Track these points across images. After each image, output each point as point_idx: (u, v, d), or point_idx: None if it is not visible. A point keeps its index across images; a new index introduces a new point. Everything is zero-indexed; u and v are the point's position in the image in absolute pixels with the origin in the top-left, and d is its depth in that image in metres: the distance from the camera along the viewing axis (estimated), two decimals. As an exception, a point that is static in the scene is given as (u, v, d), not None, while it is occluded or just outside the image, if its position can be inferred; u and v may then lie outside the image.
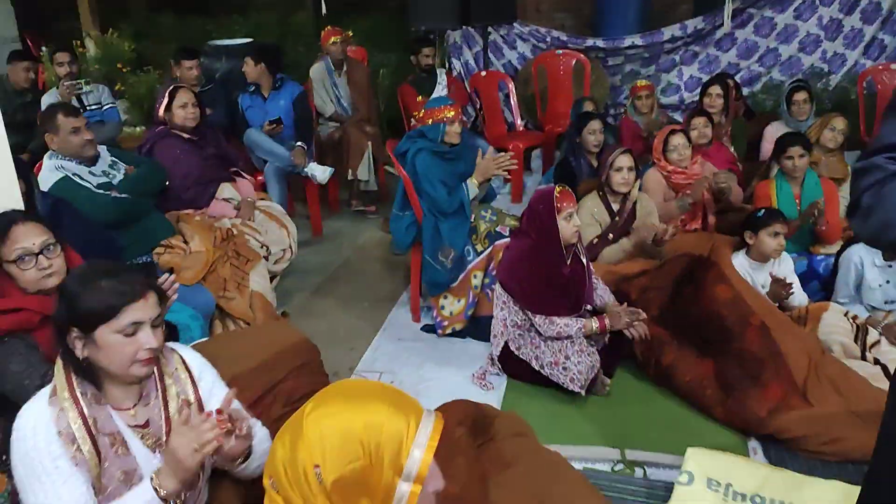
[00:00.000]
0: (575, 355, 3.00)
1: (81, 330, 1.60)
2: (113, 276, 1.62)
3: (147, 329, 1.62)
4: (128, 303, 1.59)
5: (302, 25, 8.90)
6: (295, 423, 1.23)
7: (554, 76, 6.06)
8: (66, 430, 1.57)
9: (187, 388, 1.76)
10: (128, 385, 1.68)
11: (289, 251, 3.80)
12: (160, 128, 3.75)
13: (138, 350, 1.61)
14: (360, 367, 3.42)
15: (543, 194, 3.09)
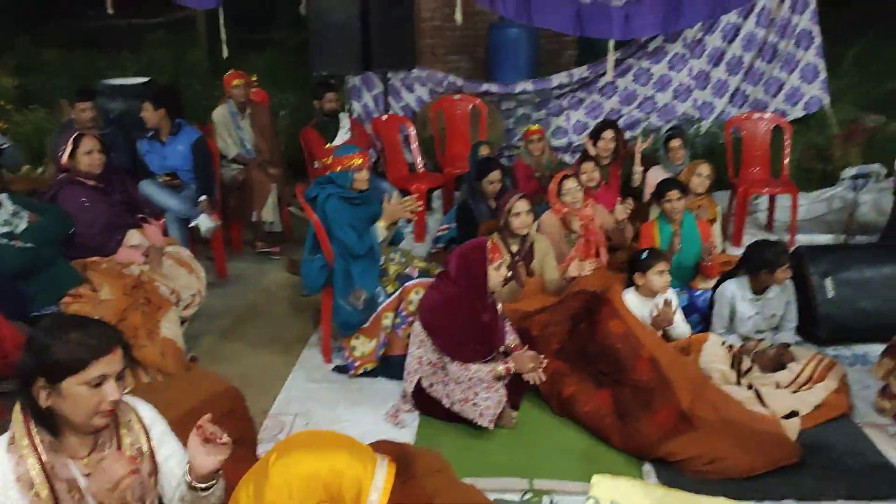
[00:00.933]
0: (483, 391, 3.20)
1: (48, 380, 1.65)
2: (83, 329, 1.68)
3: (112, 382, 1.70)
4: (97, 356, 1.66)
5: (197, 63, 8.86)
6: (259, 473, 1.34)
7: (452, 119, 6.33)
8: (25, 475, 1.62)
9: (141, 438, 1.83)
10: (85, 434, 1.74)
11: (198, 296, 3.82)
12: (63, 175, 3.70)
13: (102, 402, 1.68)
14: (273, 409, 3.47)
15: (476, 245, 3.29)
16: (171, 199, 4.63)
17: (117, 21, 8.80)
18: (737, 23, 6.37)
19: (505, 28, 7.12)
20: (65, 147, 3.67)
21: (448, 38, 7.85)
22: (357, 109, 6.75)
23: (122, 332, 1.83)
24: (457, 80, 6.64)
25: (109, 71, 8.28)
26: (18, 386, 1.71)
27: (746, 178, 5.55)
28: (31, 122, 7.24)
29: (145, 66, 8.35)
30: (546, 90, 6.59)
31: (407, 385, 3.42)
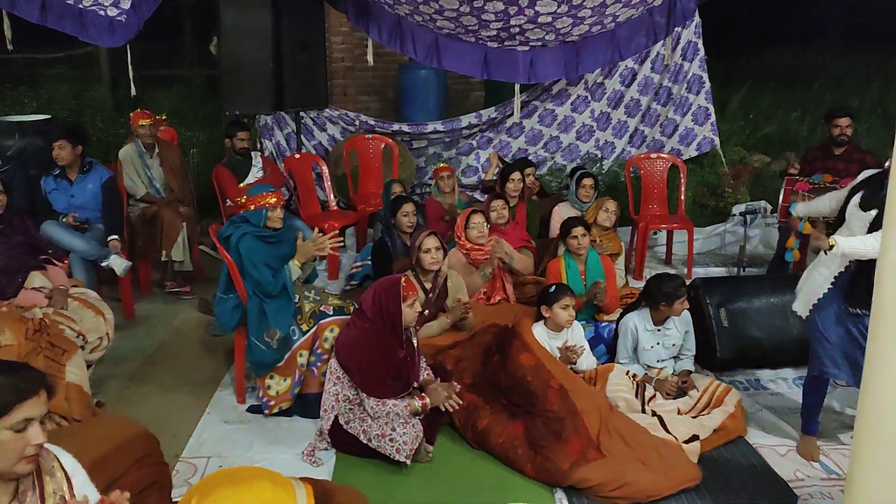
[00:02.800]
0: (400, 427, 3.24)
1: None
2: (8, 372, 1.67)
3: (37, 425, 1.68)
4: (22, 400, 1.64)
5: (100, 100, 8.63)
6: (183, 518, 1.35)
7: (364, 158, 6.42)
8: None
9: (63, 485, 1.80)
10: (7, 482, 1.70)
11: (106, 338, 3.72)
12: (-40, 216, 3.57)
13: (26, 446, 1.65)
14: (185, 453, 3.41)
15: (390, 282, 3.35)
16: (77, 240, 4.51)
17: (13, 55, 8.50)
18: (634, 68, 6.77)
19: (414, 69, 7.32)
20: (-38, 187, 3.55)
21: (359, 78, 8.00)
22: (269, 148, 6.76)
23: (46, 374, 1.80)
24: (368, 119, 6.75)
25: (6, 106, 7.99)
26: None
27: (646, 215, 5.86)
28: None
29: (45, 101, 8.09)
30: (456, 130, 6.78)
31: (323, 423, 3.43)
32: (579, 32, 4.89)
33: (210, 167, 5.98)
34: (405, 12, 4.88)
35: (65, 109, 7.96)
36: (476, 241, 4.36)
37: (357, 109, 7.25)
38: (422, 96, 7.41)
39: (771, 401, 3.93)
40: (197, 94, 9.37)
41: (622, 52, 5.18)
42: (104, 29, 5.23)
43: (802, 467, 3.31)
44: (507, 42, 5.03)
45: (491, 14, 4.55)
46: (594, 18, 4.71)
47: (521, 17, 4.57)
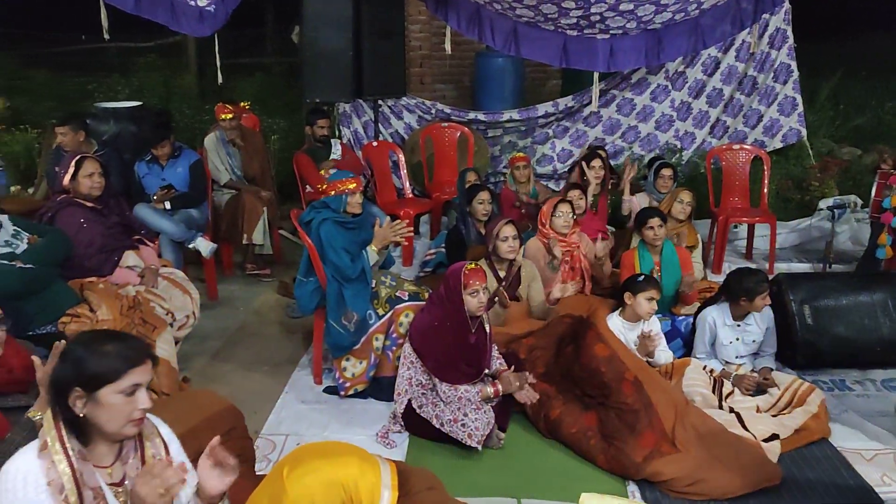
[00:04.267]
0: (472, 413, 3.27)
1: (85, 389, 1.73)
2: (119, 341, 1.79)
3: (143, 391, 1.79)
4: (132, 366, 1.75)
5: (187, 88, 8.96)
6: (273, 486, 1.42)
7: (440, 146, 6.46)
8: (56, 481, 1.69)
9: (161, 450, 1.91)
10: (111, 444, 1.82)
11: (192, 317, 3.88)
12: (62, 196, 3.77)
13: (134, 410, 1.76)
14: (265, 430, 3.52)
15: (454, 270, 3.38)
16: (167, 222, 4.70)
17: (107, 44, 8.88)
18: (717, 56, 6.59)
19: (491, 58, 7.31)
20: (66, 169, 3.74)
21: (436, 66, 8.03)
22: (347, 135, 6.86)
23: (149, 345, 1.91)
24: (444, 107, 6.78)
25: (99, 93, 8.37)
26: (53, 395, 1.79)
27: (726, 207, 5.71)
28: (20, 143, 7.28)
29: (136, 89, 8.43)
30: (532, 119, 6.74)
31: (397, 406, 3.49)
32: (662, 20, 4.79)
33: (290, 153, 6.12)
34: (484, 0, 4.88)
35: (154, 97, 8.29)
36: (560, 230, 4.33)
37: (433, 98, 7.29)
38: (498, 85, 7.39)
39: (857, 403, 3.78)
40: (278, 82, 9.60)
41: (706, 40, 5.04)
42: (194, 18, 5.39)
43: (891, 472, 3.19)
44: (587, 30, 4.97)
45: (571, 2, 4.51)
46: (678, 6, 4.60)
47: (602, 4, 4.52)
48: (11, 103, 8.23)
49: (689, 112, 6.76)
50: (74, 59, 10.00)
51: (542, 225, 4.39)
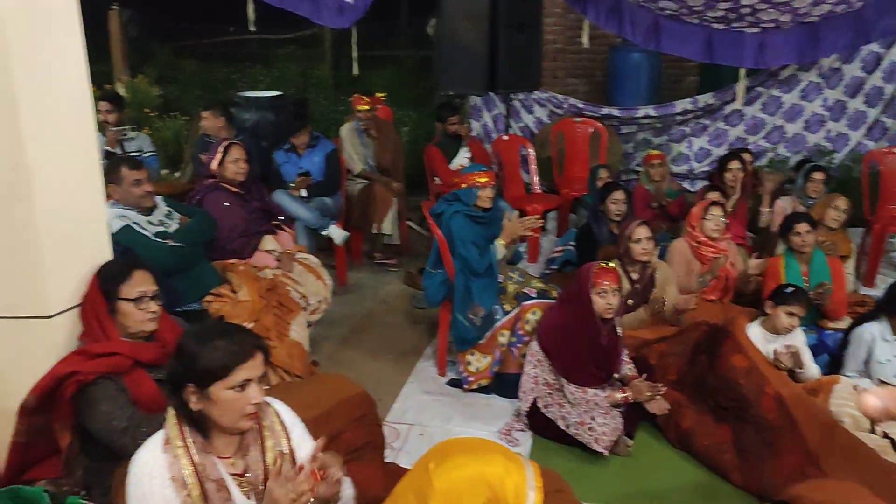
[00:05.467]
0: (600, 417, 3.18)
1: (197, 385, 1.77)
2: (227, 336, 1.80)
3: (255, 385, 1.80)
4: (240, 362, 1.77)
5: (323, 78, 9.24)
6: (418, 480, 1.41)
7: (571, 142, 6.34)
8: (179, 475, 1.74)
9: (282, 440, 1.93)
10: (231, 436, 1.86)
11: (324, 302, 3.98)
12: (210, 180, 3.96)
13: (246, 405, 1.79)
14: (389, 417, 3.57)
15: (583, 269, 3.31)
16: (303, 209, 4.86)
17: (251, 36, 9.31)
18: (879, 52, 6.10)
19: (627, 52, 7.10)
20: (214, 154, 3.93)
21: (569, 60, 7.89)
22: (476, 129, 6.87)
23: (261, 336, 1.95)
24: (577, 102, 6.66)
25: (242, 83, 8.78)
26: (170, 390, 1.84)
27: (883, 215, 5.29)
28: (170, 129, 7.74)
29: (276, 79, 8.78)
30: (668, 115, 6.51)
31: (522, 404, 3.45)
32: (820, 12, 4.48)
33: (420, 145, 6.19)
34: (626, -7, 4.75)
35: (292, 87, 8.61)
36: (711, 234, 4.13)
37: (565, 92, 7.17)
38: (632, 80, 7.17)
39: None
40: (410, 75, 9.74)
41: (869, 34, 4.69)
42: (334, 11, 5.52)
43: None
44: (735, 24, 4.72)
45: (721, -6, 4.30)
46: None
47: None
48: (164, 92, 8.77)
49: (843, 112, 6.30)
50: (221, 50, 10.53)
51: (691, 227, 4.20)
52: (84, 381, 2.25)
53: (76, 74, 2.59)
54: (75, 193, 2.58)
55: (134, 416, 2.24)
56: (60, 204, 2.50)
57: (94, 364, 2.27)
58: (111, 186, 3.39)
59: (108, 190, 3.40)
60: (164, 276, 3.23)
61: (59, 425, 2.36)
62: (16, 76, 2.30)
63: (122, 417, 2.22)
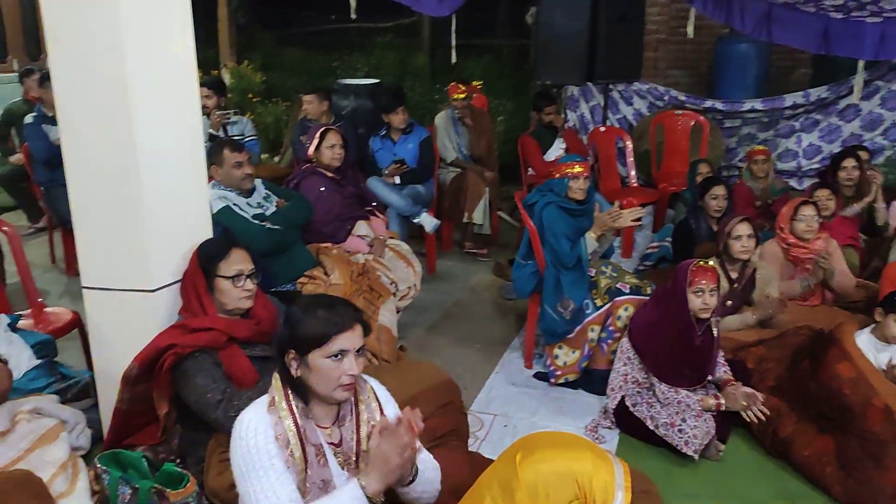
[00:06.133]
0: (691, 419, 3.07)
1: (297, 352, 1.83)
2: (329, 307, 1.85)
3: (351, 357, 1.84)
4: (338, 332, 1.81)
5: (420, 67, 9.29)
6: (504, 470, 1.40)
7: (671, 135, 6.16)
8: (283, 435, 1.80)
9: (376, 415, 1.97)
10: (329, 406, 1.91)
11: (414, 289, 4.01)
12: (307, 165, 4.05)
13: (342, 375, 1.82)
14: (474, 406, 3.56)
15: (682, 266, 3.19)
16: (395, 196, 4.91)
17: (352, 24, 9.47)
18: None
19: (734, 43, 6.82)
20: (312, 139, 4.01)
21: (672, 51, 7.65)
22: (573, 120, 6.76)
23: (362, 311, 1.97)
24: (679, 94, 6.45)
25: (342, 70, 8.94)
26: (277, 355, 1.90)
27: None
28: (272, 114, 7.97)
29: (374, 67, 8.90)
30: (777, 109, 6.22)
31: (609, 401, 3.38)
32: (951, 0, 4.17)
33: (514, 135, 6.15)
34: (737, -20, 4.54)
35: (389, 75, 8.71)
36: (802, 235, 3.93)
37: (667, 84, 6.95)
38: (739, 72, 6.88)
39: None
40: (506, 64, 9.67)
41: None
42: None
43: None
44: (856, 12, 4.45)
45: (841, -20, 4.05)
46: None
47: (879, -18, 4.02)
48: (267, 78, 9.03)
49: (974, 107, 5.87)
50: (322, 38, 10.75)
51: (780, 230, 4.01)
52: (182, 353, 2.34)
53: (184, 57, 2.68)
54: (179, 173, 2.68)
55: (227, 390, 2.31)
56: (165, 183, 2.61)
57: (191, 338, 2.36)
58: (213, 168, 3.52)
59: (211, 171, 3.53)
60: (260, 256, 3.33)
61: (157, 395, 2.47)
62: (128, 56, 2.41)
63: (216, 391, 2.30)
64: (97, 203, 2.57)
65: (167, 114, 2.60)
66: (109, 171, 2.52)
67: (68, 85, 2.50)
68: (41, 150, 4.83)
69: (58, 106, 2.56)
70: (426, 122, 6.02)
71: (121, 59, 2.40)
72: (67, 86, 2.50)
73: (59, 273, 5.23)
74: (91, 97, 2.47)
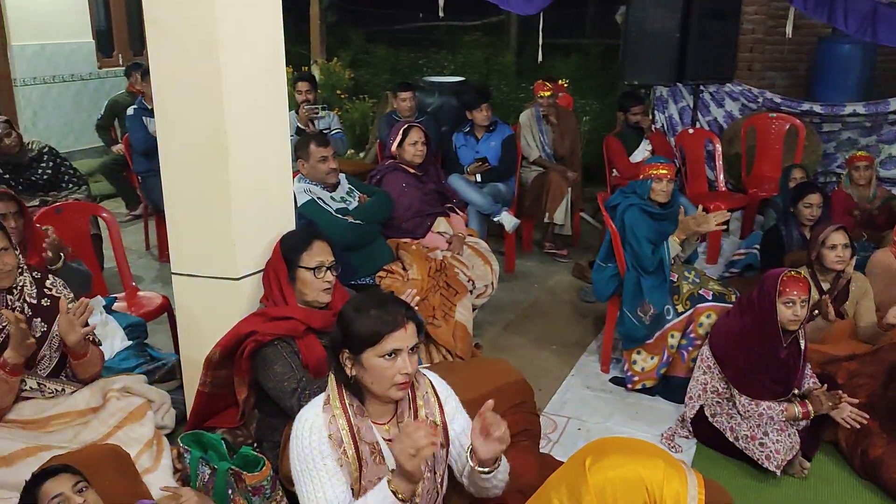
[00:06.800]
0: (774, 433, 2.96)
1: (352, 352, 1.85)
2: (381, 307, 1.85)
3: (405, 356, 1.84)
4: (390, 331, 1.82)
5: (506, 65, 9.27)
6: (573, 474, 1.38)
7: (764, 139, 5.94)
8: (336, 434, 1.82)
9: (435, 411, 1.97)
10: (385, 403, 1.92)
11: (491, 287, 4.01)
12: (390, 161, 4.10)
13: (396, 374, 1.83)
14: (547, 408, 3.53)
15: (771, 275, 3.08)
16: (476, 194, 4.91)
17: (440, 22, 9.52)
18: None
19: (837, 43, 6.51)
20: (395, 136, 4.05)
21: (768, 52, 7.36)
22: (661, 121, 6.61)
23: (415, 309, 1.97)
24: (774, 96, 6.20)
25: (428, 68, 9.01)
26: (331, 355, 1.93)
27: None
28: (358, 111, 8.10)
29: (460, 65, 8.92)
30: (881, 114, 5.90)
31: (687, 410, 3.29)
32: None
33: (600, 135, 6.06)
34: (840, -23, 4.33)
35: (475, 73, 8.71)
36: None
37: (761, 85, 6.69)
38: (840, 74, 6.56)
39: None
40: (593, 64, 9.54)
41: None
42: (521, -3, 5.51)
43: None
44: (972, 12, 4.18)
45: (957, -24, 3.81)
46: None
47: None
48: (355, 75, 9.18)
49: None
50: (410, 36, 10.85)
51: None
52: (262, 341, 2.41)
53: (274, 53, 2.75)
54: (266, 166, 2.76)
55: (303, 378, 2.37)
56: (252, 175, 2.69)
57: (271, 326, 2.42)
58: (300, 162, 3.60)
59: (297, 165, 3.62)
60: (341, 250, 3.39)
61: (238, 379, 2.54)
62: (221, 51, 2.49)
63: (293, 379, 2.35)
64: (188, 193, 2.68)
65: (256, 108, 2.68)
66: (200, 162, 2.61)
67: (165, 78, 2.61)
68: (140, 140, 5.04)
69: (155, 98, 2.67)
70: (511, 121, 6.00)
71: (214, 54, 2.48)
72: (164, 79, 2.61)
73: (152, 259, 5.48)
74: (185, 90, 2.57)
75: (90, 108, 7.61)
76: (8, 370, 2.34)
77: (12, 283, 2.50)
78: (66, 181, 4.68)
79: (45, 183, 4.59)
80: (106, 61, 8.28)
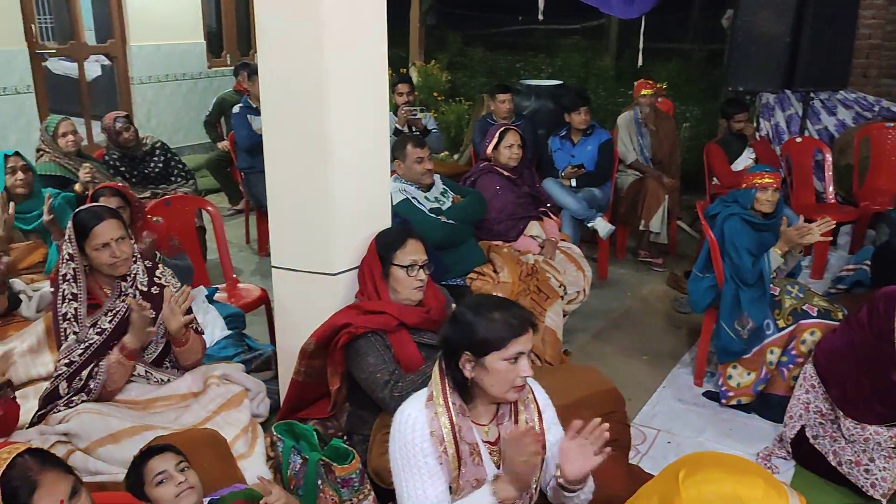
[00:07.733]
0: (881, 460, 2.80)
1: (474, 354, 1.85)
2: (505, 310, 1.86)
3: (525, 359, 1.85)
4: (516, 335, 1.83)
5: (605, 69, 9.14)
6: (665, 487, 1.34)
7: (879, 149, 5.63)
8: (438, 431, 1.84)
9: (535, 417, 1.96)
10: (490, 405, 1.92)
11: (582, 293, 3.96)
12: (484, 163, 4.11)
13: (517, 377, 1.84)
14: (637, 419, 3.45)
15: (888, 294, 2.91)
16: (570, 199, 4.87)
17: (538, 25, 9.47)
18: None
19: (963, 49, 6.10)
20: (491, 139, 4.06)
21: (886, 58, 6.97)
22: (766, 129, 6.36)
23: (532, 314, 1.97)
24: (892, 105, 5.87)
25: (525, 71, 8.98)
26: (445, 355, 1.93)
27: None
28: (454, 113, 8.15)
29: (558, 69, 8.86)
30: None
31: (787, 430, 3.15)
32: None
33: (700, 142, 5.89)
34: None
35: (573, 77, 8.63)
36: None
37: (877, 93, 6.35)
38: (967, 82, 6.16)
39: None
40: (695, 69, 9.29)
41: None
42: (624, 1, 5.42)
43: None
44: None
45: None
46: None
47: None
48: (452, 77, 9.25)
49: None
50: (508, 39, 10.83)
51: None
52: (355, 333, 2.46)
53: (377, 55, 2.81)
54: (365, 165, 2.81)
55: (395, 371, 2.41)
56: (352, 174, 2.75)
57: (365, 319, 2.47)
58: (396, 162, 3.66)
59: (393, 165, 3.67)
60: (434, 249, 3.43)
61: (331, 370, 2.61)
62: (327, 53, 2.55)
63: (384, 371, 2.40)
64: (290, 190, 2.76)
65: (358, 108, 2.74)
66: (303, 160, 2.69)
67: (273, 78, 2.70)
68: (244, 138, 5.23)
69: (262, 98, 2.77)
70: (608, 126, 5.91)
71: (320, 56, 2.55)
72: (272, 79, 2.70)
73: (252, 252, 5.68)
74: (291, 91, 2.65)
75: (199, 106, 7.95)
76: (126, 354, 2.48)
77: (128, 271, 2.64)
78: (176, 175, 4.91)
79: (156, 176, 4.83)
80: (215, 61, 8.64)
